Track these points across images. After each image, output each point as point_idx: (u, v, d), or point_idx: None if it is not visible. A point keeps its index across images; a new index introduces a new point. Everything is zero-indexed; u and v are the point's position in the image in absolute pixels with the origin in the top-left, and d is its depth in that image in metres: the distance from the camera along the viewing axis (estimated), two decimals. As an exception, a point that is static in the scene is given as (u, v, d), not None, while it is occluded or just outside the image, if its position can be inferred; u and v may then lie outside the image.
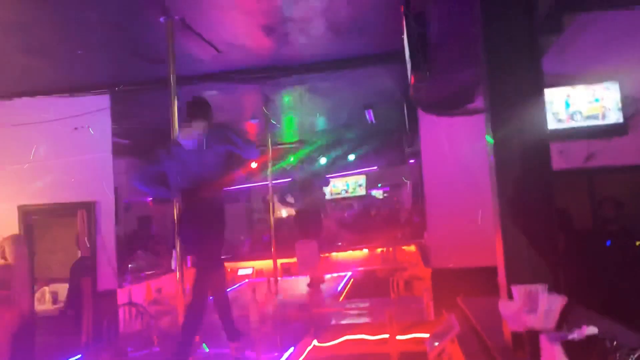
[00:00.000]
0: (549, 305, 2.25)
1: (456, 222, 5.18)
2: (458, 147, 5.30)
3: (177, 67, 4.56)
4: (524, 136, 2.49)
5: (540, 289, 2.33)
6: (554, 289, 2.36)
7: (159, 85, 5.90)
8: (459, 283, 4.75)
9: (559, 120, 4.77)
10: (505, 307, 2.41)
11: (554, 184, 2.52)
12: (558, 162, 4.87)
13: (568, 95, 4.80)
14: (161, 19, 4.36)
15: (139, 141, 7.96)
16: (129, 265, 7.39)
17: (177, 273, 4.48)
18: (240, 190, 11.92)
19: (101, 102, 6.11)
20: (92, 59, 5.39)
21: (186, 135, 4.31)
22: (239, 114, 8.20)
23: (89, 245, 5.96)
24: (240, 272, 9.46)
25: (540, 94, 2.57)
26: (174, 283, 4.72)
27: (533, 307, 2.31)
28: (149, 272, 7.62)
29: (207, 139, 4.25)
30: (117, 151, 6.30)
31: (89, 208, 6.03)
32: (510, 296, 2.44)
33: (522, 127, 2.49)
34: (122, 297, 6.23)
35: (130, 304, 6.32)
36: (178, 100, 4.54)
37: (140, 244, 8.75)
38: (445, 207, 5.32)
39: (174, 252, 7.61)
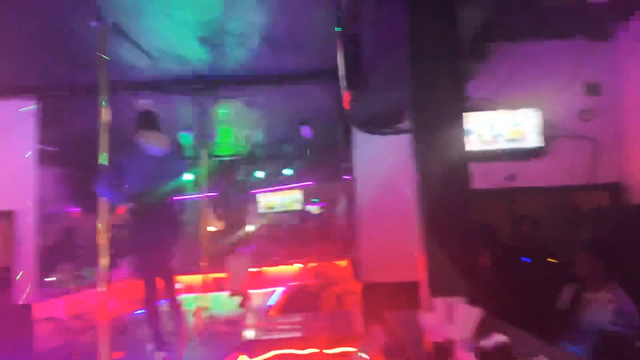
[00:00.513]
0: (466, 316, 2.37)
1: (385, 237, 5.33)
2: (389, 164, 5.46)
3: (109, 73, 4.44)
4: (444, 156, 2.62)
5: (458, 301, 2.45)
6: (471, 301, 2.49)
7: (89, 92, 5.75)
8: (387, 297, 4.85)
9: (484, 142, 5.03)
10: (426, 319, 2.51)
11: (478, 202, 2.66)
12: (482, 182, 5.17)
13: (492, 119, 5.08)
14: (93, 23, 4.24)
15: (69, 149, 7.65)
16: (51, 279, 7.02)
17: (100, 287, 4.31)
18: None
19: (26, 106, 5.83)
20: (19, 62, 5.15)
21: (157, 142, 4.79)
22: (174, 125, 8.05)
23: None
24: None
25: (460, 119, 2.72)
26: (98, 298, 4.56)
27: (451, 318, 2.42)
28: (72, 286, 7.27)
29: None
30: (45, 159, 6.01)
31: (8, 217, 5.71)
32: (431, 309, 2.55)
33: (443, 148, 2.63)
34: (41, 311, 5.91)
35: (48, 319, 6.00)
36: (109, 107, 4.42)
37: (64, 256, 8.35)
38: (375, 222, 5.46)
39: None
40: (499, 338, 1.93)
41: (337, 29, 3.79)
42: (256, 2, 4.20)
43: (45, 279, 6.84)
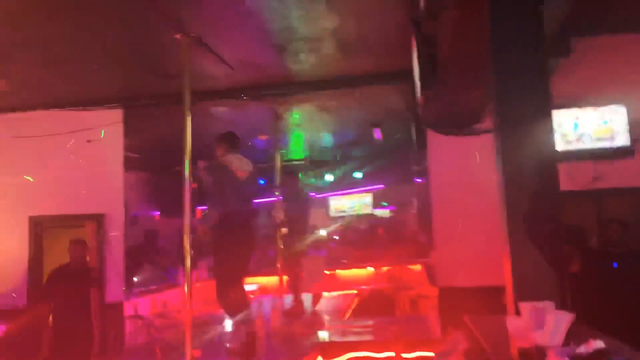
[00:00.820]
0: (556, 322, 2.27)
1: (463, 241, 5.20)
2: (465, 166, 5.34)
3: (190, 82, 4.64)
4: (532, 157, 2.53)
5: (547, 306, 2.35)
6: (561, 306, 2.39)
7: (170, 101, 6.04)
8: (465, 302, 4.75)
9: (568, 142, 4.81)
10: (513, 324, 2.43)
11: (564, 204, 2.56)
12: (565, 183, 4.94)
13: (577, 117, 4.85)
14: (177, 36, 4.44)
15: (149, 155, 8.06)
16: (135, 279, 7.42)
17: (185, 287, 4.49)
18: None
19: (114, 116, 6.21)
20: (107, 74, 5.50)
21: (243, 166, 5.00)
22: (249, 130, 8.29)
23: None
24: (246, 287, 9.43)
25: (548, 116, 2.62)
26: (180, 297, 4.76)
27: (540, 323, 2.33)
28: (155, 286, 7.64)
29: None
30: (129, 165, 6.38)
31: (99, 220, 6.10)
32: (517, 313, 2.46)
33: (530, 148, 2.54)
34: (128, 309, 6.26)
35: (136, 316, 6.34)
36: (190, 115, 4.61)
37: (147, 258, 8.80)
38: (452, 225, 5.34)
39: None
40: (596, 344, 1.84)
41: (412, 29, 3.76)
42: (328, 7, 4.25)
43: (134, 278, 7.24)
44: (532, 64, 2.62)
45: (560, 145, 4.78)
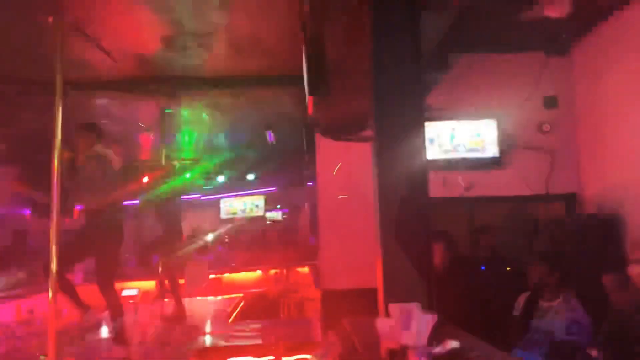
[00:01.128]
0: (420, 322, 2.36)
1: (345, 244, 5.31)
2: (351, 171, 5.47)
3: (66, 71, 4.29)
4: (404, 164, 2.63)
5: (414, 307, 2.44)
6: (427, 307, 2.49)
7: (43, 90, 5.55)
8: (346, 304, 4.83)
9: (445, 151, 5.09)
10: (382, 325, 2.50)
11: (437, 210, 2.68)
12: (442, 191, 5.24)
13: (453, 129, 5.15)
14: (50, 19, 4.09)
15: (20, 147, 7.39)
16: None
17: (50, 292, 4.13)
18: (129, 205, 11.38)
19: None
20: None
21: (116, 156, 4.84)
22: (133, 126, 7.88)
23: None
24: (125, 292, 8.94)
25: (421, 126, 2.73)
26: (48, 303, 4.37)
27: (407, 324, 2.41)
28: (21, 291, 6.99)
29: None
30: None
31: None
32: (387, 314, 2.53)
33: (403, 156, 2.63)
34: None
35: (-5, 324, 5.75)
36: (64, 105, 4.26)
37: (15, 260, 8.05)
38: (335, 229, 5.44)
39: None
40: (451, 344, 1.93)
41: (301, 31, 3.77)
42: (220, 3, 4.15)
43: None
44: (410, 77, 2.72)
45: (437, 154, 5.05)
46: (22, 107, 6.21)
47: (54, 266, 4.04)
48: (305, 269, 9.43)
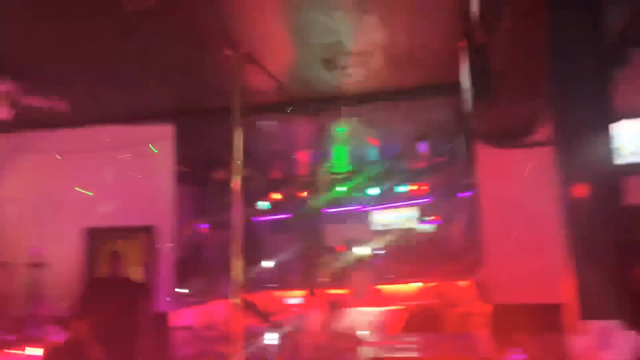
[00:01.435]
0: (624, 342, 2.17)
1: (516, 256, 5.06)
2: (516, 179, 5.21)
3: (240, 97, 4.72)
4: (592, 170, 2.45)
5: (614, 325, 2.25)
6: (628, 326, 2.28)
7: (220, 116, 6.16)
8: (518, 320, 4.61)
9: (628, 154, 4.62)
10: (578, 344, 2.34)
11: (632, 219, 2.45)
12: (634, 197, 4.72)
13: (635, 130, 4.66)
14: (227, 52, 4.53)
15: (197, 169, 8.24)
16: (184, 290, 7.53)
17: (234, 298, 4.52)
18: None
19: (164, 130, 6.38)
20: (158, 88, 5.66)
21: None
22: (293, 144, 8.37)
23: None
24: (290, 300, 9.44)
25: (608, 127, 2.53)
26: (226, 309, 4.79)
27: (607, 343, 2.23)
28: (203, 298, 7.73)
29: None
30: (179, 178, 6.54)
31: (148, 232, 6.25)
32: (581, 332, 2.36)
33: (590, 161, 2.45)
34: (177, 320, 6.36)
35: (184, 327, 6.43)
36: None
37: (195, 270, 8.93)
38: (503, 241, 5.20)
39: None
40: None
41: (464, 41, 3.72)
42: (378, 21, 4.25)
43: (179, 290, 7.34)
44: (593, 75, 2.55)
45: (625, 158, 4.59)
46: (203, 133, 6.93)
47: (236, 273, 4.44)
48: (465, 283, 9.11)
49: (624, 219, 2.45)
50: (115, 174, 6.43)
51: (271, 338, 6.72)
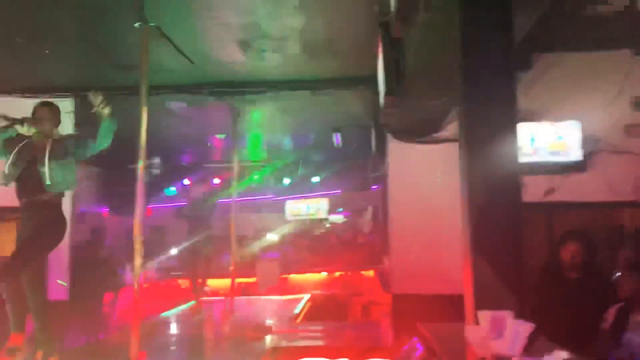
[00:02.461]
0: (516, 331, 2.27)
1: (418, 248, 5.23)
2: (424, 174, 5.38)
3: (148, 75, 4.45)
4: (496, 168, 2.54)
5: (507, 315, 2.35)
6: (519, 316, 2.39)
7: (127, 93, 5.80)
8: (418, 309, 4.76)
9: (524, 154, 4.90)
10: (472, 333, 2.42)
11: (527, 215, 2.57)
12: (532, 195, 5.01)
13: (533, 131, 4.96)
14: (136, 25, 4.26)
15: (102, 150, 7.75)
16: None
17: (135, 286, 4.29)
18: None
19: (65, 106, 5.90)
20: (60, 60, 5.24)
21: None
22: (207, 129, 8.12)
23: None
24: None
25: (514, 127, 2.64)
26: (127, 297, 4.57)
27: (500, 333, 2.32)
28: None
29: None
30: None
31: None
32: (476, 322, 2.45)
33: (495, 159, 2.54)
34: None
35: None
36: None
37: (93, 256, 8.42)
38: (408, 233, 5.36)
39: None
40: (561, 355, 1.83)
41: (380, 33, 3.74)
42: (296, 6, 4.18)
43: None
44: (501, 74, 2.64)
45: (522, 158, 4.87)
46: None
47: (137, 262, 4.21)
48: (370, 273, 9.36)
49: (521, 216, 2.57)
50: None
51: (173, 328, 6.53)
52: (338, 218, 14.05)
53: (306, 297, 8.47)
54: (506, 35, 2.66)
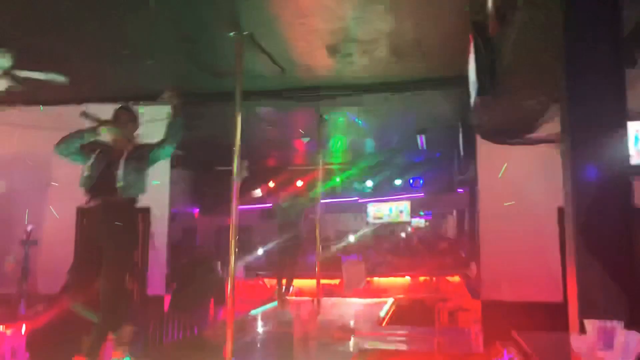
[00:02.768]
0: (627, 342, 2.15)
1: (510, 254, 5.04)
2: (516, 176, 5.19)
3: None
4: (604, 168, 2.41)
5: (616, 325, 2.23)
6: (630, 325, 2.26)
7: (219, 99, 6.08)
8: (510, 317, 4.60)
9: (631, 156, 4.60)
10: (578, 342, 2.31)
11: (635, 221, 2.42)
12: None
13: (637, 130, 4.64)
14: (231, 34, 4.44)
15: (192, 153, 8.15)
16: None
17: (228, 284, 4.48)
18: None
19: (164, 111, 6.27)
20: (159, 69, 5.56)
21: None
22: (292, 132, 8.30)
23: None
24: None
25: (622, 126, 2.50)
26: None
27: (609, 343, 2.21)
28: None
29: None
30: (174, 162, 6.45)
31: (145, 214, 6.17)
32: (582, 331, 2.34)
33: (602, 159, 2.42)
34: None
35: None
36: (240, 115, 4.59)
37: (186, 255, 8.88)
38: (499, 237, 5.18)
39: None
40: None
41: (472, 32, 3.66)
42: (385, 9, 4.18)
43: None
44: (608, 72, 2.51)
45: (632, 159, 4.57)
46: (200, 117, 6.84)
47: (232, 260, 4.38)
48: (456, 278, 9.14)
49: (631, 221, 2.43)
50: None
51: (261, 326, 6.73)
52: (420, 221, 13.86)
53: (390, 300, 8.42)
54: (613, 30, 2.53)
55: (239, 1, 4.17)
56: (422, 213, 13.73)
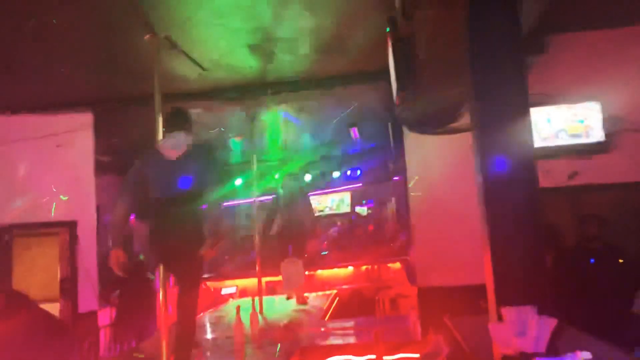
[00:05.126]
0: (539, 327, 2.24)
1: (442, 240, 5.18)
2: (442, 165, 5.32)
3: (162, 84, 4.50)
4: (511, 155, 2.50)
5: (530, 310, 2.32)
6: (543, 310, 2.35)
7: (142, 103, 5.89)
8: (445, 301, 4.73)
9: (543, 139, 4.82)
10: (496, 330, 2.40)
11: (541, 202, 2.52)
12: (543, 181, 4.94)
13: (551, 114, 4.86)
14: (146, 37, 4.31)
15: (120, 158, 7.87)
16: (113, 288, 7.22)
17: (160, 293, 4.38)
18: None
19: (84, 119, 6.03)
20: (75, 76, 5.32)
21: (172, 145, 4.14)
22: (224, 132, 8.17)
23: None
24: (224, 291, 9.32)
25: (526, 113, 2.59)
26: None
27: (523, 329, 2.29)
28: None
29: (191, 151, 4.12)
30: (98, 168, 6.21)
31: (71, 227, 5.91)
32: (500, 318, 2.42)
33: (509, 146, 2.51)
34: (104, 318, 6.10)
35: (112, 325, 6.18)
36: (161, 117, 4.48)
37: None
38: (430, 224, 5.31)
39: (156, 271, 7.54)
40: (583, 355, 1.80)
41: (388, 30, 3.71)
42: (302, 7, 4.17)
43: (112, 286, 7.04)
44: (511, 62, 2.59)
45: (536, 143, 4.78)
46: (124, 121, 6.61)
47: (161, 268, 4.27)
48: (397, 265, 9.32)
49: (539, 203, 2.53)
50: (29, 166, 6.01)
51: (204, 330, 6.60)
52: (362, 210, 14.01)
53: (333, 292, 8.49)
54: (514, 20, 2.61)
55: (152, 4, 4.04)
56: (364, 202, 13.88)
